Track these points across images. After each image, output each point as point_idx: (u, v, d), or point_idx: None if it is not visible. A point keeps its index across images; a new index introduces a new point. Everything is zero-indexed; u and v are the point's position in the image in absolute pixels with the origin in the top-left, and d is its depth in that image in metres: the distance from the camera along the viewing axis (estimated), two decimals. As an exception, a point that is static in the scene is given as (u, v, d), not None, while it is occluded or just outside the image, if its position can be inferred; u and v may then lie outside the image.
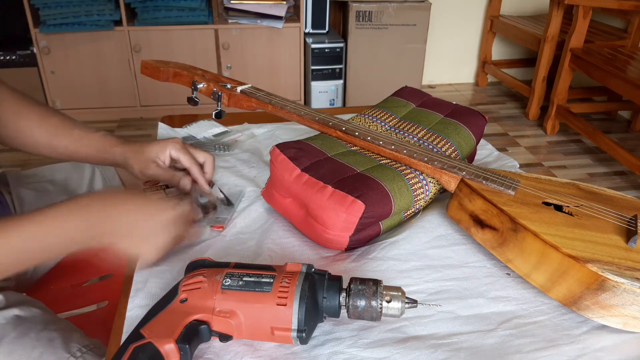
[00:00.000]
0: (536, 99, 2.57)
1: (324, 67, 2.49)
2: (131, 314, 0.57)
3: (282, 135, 1.00)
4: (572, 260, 0.54)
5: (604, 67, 2.09)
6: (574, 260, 0.54)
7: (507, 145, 2.40)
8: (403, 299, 0.51)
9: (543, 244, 0.57)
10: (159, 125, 1.00)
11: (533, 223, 0.59)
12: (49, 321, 0.70)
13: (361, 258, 0.66)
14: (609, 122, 2.68)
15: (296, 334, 0.49)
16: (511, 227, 0.60)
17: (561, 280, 0.56)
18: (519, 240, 0.60)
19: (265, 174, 0.81)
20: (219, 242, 0.69)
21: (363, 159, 0.72)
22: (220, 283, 0.50)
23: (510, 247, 0.61)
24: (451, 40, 3.02)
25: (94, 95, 2.48)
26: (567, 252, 0.55)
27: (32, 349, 0.65)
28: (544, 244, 0.57)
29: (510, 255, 0.61)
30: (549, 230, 0.58)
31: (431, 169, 0.70)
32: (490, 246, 0.64)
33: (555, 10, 2.31)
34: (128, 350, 0.46)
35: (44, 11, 2.25)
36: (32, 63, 2.34)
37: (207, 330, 0.49)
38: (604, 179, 2.17)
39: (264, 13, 2.40)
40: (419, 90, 0.94)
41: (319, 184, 0.66)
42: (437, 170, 0.69)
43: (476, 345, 0.54)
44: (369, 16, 2.47)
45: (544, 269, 0.58)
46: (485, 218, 0.64)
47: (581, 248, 0.56)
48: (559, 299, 0.57)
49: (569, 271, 0.55)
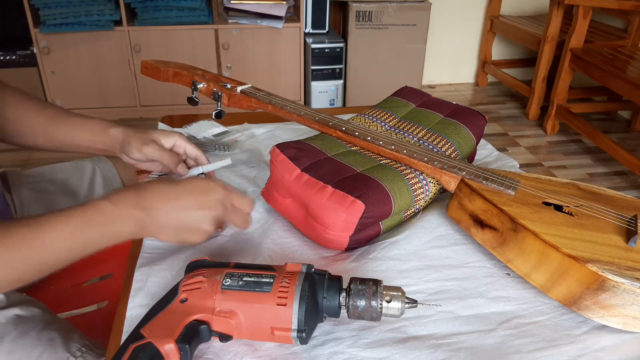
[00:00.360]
0: (536, 99, 2.57)
1: (324, 67, 2.49)
2: (131, 313, 0.57)
3: (282, 135, 1.00)
4: (572, 260, 0.54)
5: (604, 67, 2.09)
6: (574, 260, 0.54)
7: (507, 145, 2.40)
8: (403, 299, 0.51)
9: (543, 244, 0.57)
10: (159, 126, 1.00)
11: (533, 223, 0.59)
12: (49, 321, 0.70)
13: (361, 258, 0.66)
14: (609, 122, 2.68)
15: (296, 334, 0.49)
16: (511, 227, 0.60)
17: (561, 280, 0.56)
18: (519, 240, 0.60)
19: (265, 174, 0.81)
20: (219, 242, 0.69)
21: (363, 159, 0.72)
22: (220, 283, 0.50)
23: (510, 247, 0.61)
24: (451, 40, 3.02)
25: (94, 95, 2.48)
26: (567, 252, 0.55)
27: (32, 349, 0.65)
28: (544, 244, 0.57)
29: (510, 255, 0.61)
30: (549, 230, 0.58)
31: (431, 169, 0.69)
32: (490, 246, 0.64)
33: (555, 10, 2.31)
34: (128, 350, 0.46)
35: (44, 11, 2.25)
36: (32, 63, 2.34)
37: (207, 330, 0.49)
38: (604, 179, 2.17)
39: (264, 13, 2.40)
40: (419, 90, 0.94)
41: (319, 184, 0.66)
42: (437, 170, 0.69)
43: (476, 345, 0.54)
44: (369, 16, 2.47)
45: (544, 269, 0.58)
46: (485, 218, 0.64)
47: (581, 248, 0.56)
48: (559, 299, 0.57)
49: (569, 271, 0.55)
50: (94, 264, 0.94)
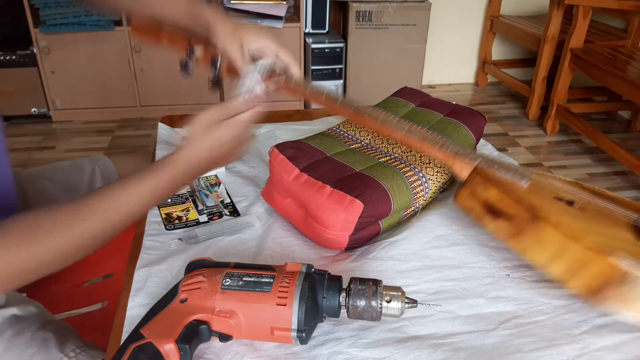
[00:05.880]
0: (536, 99, 2.57)
1: (324, 67, 2.49)
2: (131, 313, 0.57)
3: (282, 135, 1.00)
4: (594, 252, 0.54)
5: (604, 67, 2.09)
6: (595, 252, 0.54)
7: (507, 145, 2.40)
8: (403, 299, 0.51)
9: (563, 235, 0.56)
10: (159, 126, 1.00)
11: (551, 214, 0.58)
12: (45, 321, 0.70)
13: (361, 258, 0.66)
14: (609, 122, 2.68)
15: (296, 334, 0.49)
16: (529, 217, 0.59)
17: (580, 272, 0.55)
18: (537, 231, 0.58)
19: (265, 174, 0.81)
20: (219, 242, 0.69)
21: (362, 158, 0.72)
22: (220, 283, 0.50)
23: (527, 237, 0.60)
24: (451, 40, 3.02)
25: (94, 95, 2.47)
26: (588, 244, 0.54)
27: (25, 348, 0.65)
28: (564, 236, 0.56)
29: (527, 245, 0.60)
30: (568, 222, 0.58)
31: (444, 155, 0.67)
32: (504, 236, 0.62)
33: (555, 10, 2.31)
34: (128, 350, 0.46)
35: (44, 11, 2.25)
36: (32, 63, 2.34)
37: (207, 330, 0.49)
38: (604, 179, 2.17)
39: (264, 13, 2.40)
40: (418, 91, 0.94)
41: (317, 184, 0.66)
42: (450, 157, 0.66)
43: (476, 345, 0.54)
44: (369, 16, 2.47)
45: (562, 261, 0.57)
46: (501, 207, 0.62)
47: (601, 242, 0.55)
48: (577, 291, 0.57)
49: (589, 264, 0.54)
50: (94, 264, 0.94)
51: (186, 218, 0.75)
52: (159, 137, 0.96)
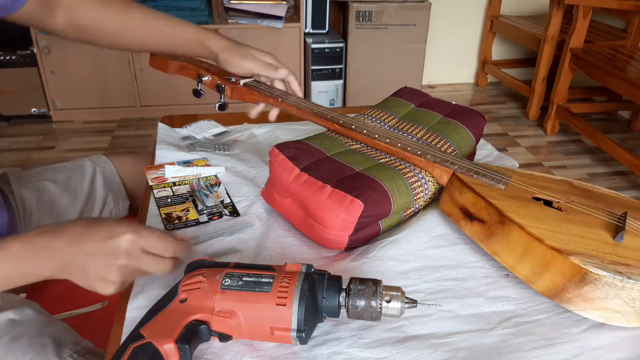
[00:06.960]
0: (536, 99, 2.57)
1: (324, 67, 2.49)
2: (131, 314, 0.57)
3: (282, 135, 1.00)
4: (555, 252, 0.55)
5: (604, 67, 2.09)
6: (557, 252, 0.55)
7: (507, 145, 2.40)
8: (403, 298, 0.51)
9: (527, 236, 0.58)
10: (159, 126, 1.00)
11: (519, 216, 0.60)
12: (43, 324, 0.70)
13: (361, 258, 0.66)
14: (609, 122, 2.68)
15: (296, 334, 0.49)
16: (498, 219, 0.61)
17: (544, 272, 0.57)
18: (505, 233, 0.60)
19: (265, 174, 0.82)
20: (218, 242, 0.69)
21: (362, 158, 0.72)
22: (220, 283, 0.50)
23: (497, 239, 0.62)
24: (451, 40, 3.02)
25: (94, 95, 2.48)
26: (551, 244, 0.55)
27: (23, 354, 0.65)
28: (529, 236, 0.57)
29: (497, 247, 0.62)
30: (535, 223, 0.59)
31: (424, 162, 0.70)
32: (478, 239, 0.65)
33: (555, 10, 2.31)
34: (128, 350, 0.46)
35: (44, 11, 2.24)
36: (32, 63, 2.34)
37: (207, 330, 0.49)
38: (604, 179, 2.17)
39: (264, 13, 2.40)
40: (418, 91, 0.95)
41: (317, 184, 0.66)
42: (430, 164, 0.70)
43: (476, 344, 0.54)
44: (369, 16, 2.47)
45: (528, 261, 0.58)
46: (474, 211, 0.64)
47: (565, 241, 0.56)
48: (542, 291, 0.58)
49: (552, 263, 0.56)
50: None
51: (186, 218, 0.75)
52: (159, 137, 0.96)
